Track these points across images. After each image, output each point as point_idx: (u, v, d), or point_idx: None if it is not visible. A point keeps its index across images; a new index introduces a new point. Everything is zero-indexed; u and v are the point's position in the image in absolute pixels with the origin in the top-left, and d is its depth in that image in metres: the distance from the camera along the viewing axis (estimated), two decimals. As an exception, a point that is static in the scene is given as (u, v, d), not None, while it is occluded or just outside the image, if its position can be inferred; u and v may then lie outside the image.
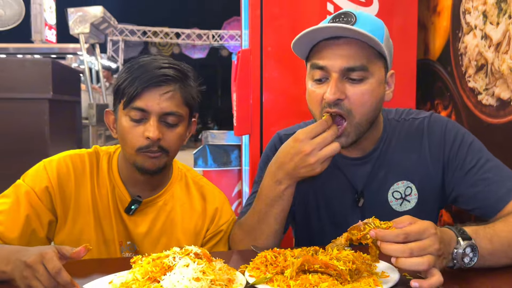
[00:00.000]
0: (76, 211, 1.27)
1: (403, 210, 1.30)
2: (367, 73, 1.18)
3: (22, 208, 1.21)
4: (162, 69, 1.20)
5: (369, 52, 1.17)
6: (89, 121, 6.33)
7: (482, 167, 1.24)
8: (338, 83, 1.17)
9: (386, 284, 0.92)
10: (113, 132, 1.28)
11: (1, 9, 5.50)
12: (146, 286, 0.85)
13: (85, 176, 1.29)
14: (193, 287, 0.84)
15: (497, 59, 1.80)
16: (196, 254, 0.95)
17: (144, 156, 1.20)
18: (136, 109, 1.18)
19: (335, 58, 1.17)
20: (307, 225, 1.40)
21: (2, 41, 8.91)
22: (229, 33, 15.07)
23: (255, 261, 1.00)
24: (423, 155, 1.30)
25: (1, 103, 4.25)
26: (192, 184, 1.37)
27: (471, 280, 1.00)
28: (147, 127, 1.18)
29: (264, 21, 2.22)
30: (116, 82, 1.23)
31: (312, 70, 1.22)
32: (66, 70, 5.50)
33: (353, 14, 1.17)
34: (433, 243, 0.91)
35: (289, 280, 0.90)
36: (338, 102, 1.17)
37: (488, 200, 1.21)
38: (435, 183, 1.30)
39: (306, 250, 1.01)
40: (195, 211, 1.34)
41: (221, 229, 1.33)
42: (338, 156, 1.29)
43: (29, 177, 1.26)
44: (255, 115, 2.23)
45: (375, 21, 1.22)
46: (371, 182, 1.31)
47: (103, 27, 7.55)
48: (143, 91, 1.17)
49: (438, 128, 1.30)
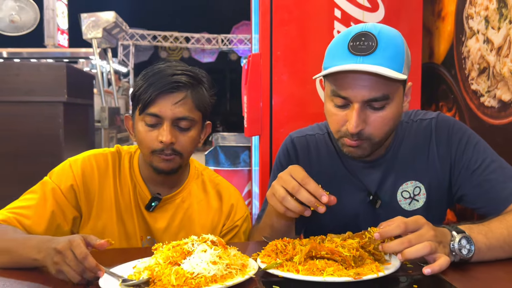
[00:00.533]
0: (99, 208, 1.35)
1: (412, 209, 1.34)
2: (388, 100, 1.18)
3: (48, 204, 1.29)
4: (175, 76, 1.26)
5: (389, 80, 1.16)
6: (101, 124, 6.45)
7: (487, 167, 1.28)
8: (360, 113, 1.17)
9: (388, 270, 1.00)
10: (132, 136, 1.37)
11: (17, 15, 5.64)
12: (167, 269, 0.94)
13: (108, 175, 1.36)
14: (211, 269, 0.93)
15: (498, 62, 1.87)
16: (213, 241, 1.03)
17: (158, 158, 1.28)
18: (150, 115, 1.26)
19: (357, 89, 1.16)
20: (319, 229, 1.36)
21: (16, 45, 9.10)
22: (238, 37, 15.20)
23: (267, 249, 1.09)
24: (431, 156, 1.33)
25: (17, 106, 4.36)
26: (208, 182, 1.45)
27: (474, 271, 1.07)
28: (160, 131, 1.26)
29: (273, 26, 2.31)
30: (134, 89, 1.31)
31: (333, 96, 1.21)
32: (79, 74, 5.62)
33: (374, 37, 1.15)
34: (428, 231, 1.00)
35: (298, 265, 0.99)
36: (359, 131, 1.18)
37: (492, 200, 1.26)
38: (443, 183, 1.34)
39: (314, 238, 1.09)
40: (211, 207, 1.41)
41: (236, 224, 1.40)
42: (350, 161, 1.35)
43: (55, 175, 1.33)
44: (265, 116, 2.32)
45: (395, 42, 1.18)
46: (382, 184, 1.35)
47: (115, 32, 7.69)
48: (157, 97, 1.25)
49: (445, 128, 1.34)
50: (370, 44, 1.14)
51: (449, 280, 0.99)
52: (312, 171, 1.22)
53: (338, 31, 2.32)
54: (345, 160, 1.37)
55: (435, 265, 0.97)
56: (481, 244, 1.07)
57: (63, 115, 4.46)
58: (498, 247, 1.10)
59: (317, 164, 1.40)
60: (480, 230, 1.10)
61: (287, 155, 1.44)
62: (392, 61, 1.15)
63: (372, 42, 1.14)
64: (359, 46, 1.15)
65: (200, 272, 0.92)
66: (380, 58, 1.13)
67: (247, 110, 2.39)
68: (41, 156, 4.28)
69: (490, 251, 1.09)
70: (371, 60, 1.13)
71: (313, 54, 2.34)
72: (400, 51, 1.18)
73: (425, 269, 0.97)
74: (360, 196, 1.36)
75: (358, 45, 1.15)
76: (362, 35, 1.16)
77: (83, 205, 1.33)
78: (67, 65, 4.71)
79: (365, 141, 1.21)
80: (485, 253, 1.08)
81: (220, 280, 0.93)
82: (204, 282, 0.90)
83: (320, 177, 1.21)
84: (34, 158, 4.28)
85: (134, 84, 1.34)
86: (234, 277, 0.95)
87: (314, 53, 2.34)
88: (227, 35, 15.54)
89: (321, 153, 1.41)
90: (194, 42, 15.50)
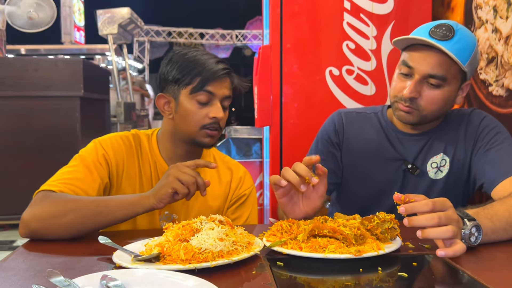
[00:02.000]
0: (126, 182, 1.42)
1: (436, 178, 1.51)
2: (444, 82, 1.39)
3: (95, 175, 1.35)
4: (219, 63, 1.40)
5: (452, 65, 1.37)
6: (117, 118, 6.56)
7: (502, 148, 1.41)
8: (418, 84, 1.39)
9: (388, 248, 1.03)
10: (164, 113, 1.46)
11: (35, 11, 5.75)
12: (177, 245, 0.99)
13: (132, 152, 1.45)
14: (218, 245, 0.98)
15: (506, 51, 1.88)
16: (220, 221, 1.08)
17: (205, 133, 1.40)
18: (206, 92, 1.38)
19: (422, 64, 1.37)
20: (353, 195, 1.60)
21: (33, 42, 9.28)
22: (252, 33, 15.22)
23: (272, 229, 1.13)
24: (459, 136, 1.51)
25: (35, 101, 4.47)
26: (219, 159, 1.57)
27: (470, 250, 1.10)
28: (213, 108, 1.39)
29: (283, 18, 2.34)
30: (177, 71, 1.40)
31: (402, 65, 1.43)
32: (96, 69, 5.73)
33: (453, 29, 1.37)
34: (454, 214, 1.01)
35: (301, 243, 1.03)
36: (412, 99, 1.40)
37: (491, 175, 1.37)
38: (465, 161, 1.50)
39: (317, 218, 1.13)
40: (222, 181, 1.52)
41: (244, 193, 1.53)
42: (393, 131, 1.55)
43: (88, 151, 1.39)
44: (275, 107, 2.36)
45: (469, 39, 1.40)
46: (418, 155, 1.52)
47: (130, 28, 7.79)
48: (213, 80, 1.38)
49: (478, 117, 1.52)
50: (447, 33, 1.36)
51: (447, 258, 1.02)
52: (357, 141, 1.57)
53: (347, 22, 2.35)
54: (388, 133, 1.56)
55: (449, 250, 0.97)
56: (486, 229, 1.10)
57: (80, 109, 4.56)
58: (502, 229, 1.13)
59: (362, 136, 1.59)
60: (486, 214, 1.13)
61: (333, 126, 1.62)
62: (460, 53, 1.35)
63: (450, 32, 1.36)
64: (438, 32, 1.36)
65: (207, 248, 0.97)
66: (452, 46, 1.34)
67: (258, 101, 2.43)
68: (58, 149, 4.39)
69: (494, 234, 1.12)
70: (444, 44, 1.34)
71: (323, 45, 2.36)
72: (470, 49, 1.39)
73: (439, 251, 0.97)
74: (396, 165, 1.53)
75: (437, 31, 1.36)
76: (444, 25, 1.38)
77: (113, 177, 1.41)
78: (84, 61, 4.80)
79: (415, 111, 1.41)
80: (489, 236, 1.11)
81: (227, 255, 0.98)
82: (211, 257, 0.95)
83: (363, 147, 1.56)
84: (52, 151, 4.39)
85: (171, 69, 1.41)
86: (240, 253, 1.00)
87: (324, 45, 2.37)
88: (241, 30, 15.57)
89: (366, 127, 1.60)
90: (209, 38, 15.57)
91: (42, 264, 1.02)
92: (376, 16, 2.35)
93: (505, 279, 0.91)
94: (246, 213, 1.51)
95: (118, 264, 0.96)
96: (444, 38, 1.35)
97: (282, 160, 2.37)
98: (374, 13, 2.35)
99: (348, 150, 1.59)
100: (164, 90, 1.45)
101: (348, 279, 0.96)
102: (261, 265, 1.00)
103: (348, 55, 2.35)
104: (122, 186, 1.42)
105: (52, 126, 4.53)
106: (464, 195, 1.53)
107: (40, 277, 0.93)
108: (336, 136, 1.61)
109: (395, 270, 0.99)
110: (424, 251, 1.09)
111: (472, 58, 1.40)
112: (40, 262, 1.04)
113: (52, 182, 1.30)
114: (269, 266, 0.99)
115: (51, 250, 1.13)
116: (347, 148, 1.59)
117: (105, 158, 1.39)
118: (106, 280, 0.84)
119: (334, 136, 1.61)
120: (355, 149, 1.58)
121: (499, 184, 1.33)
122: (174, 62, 1.42)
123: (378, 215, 1.10)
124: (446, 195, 1.26)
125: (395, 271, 0.99)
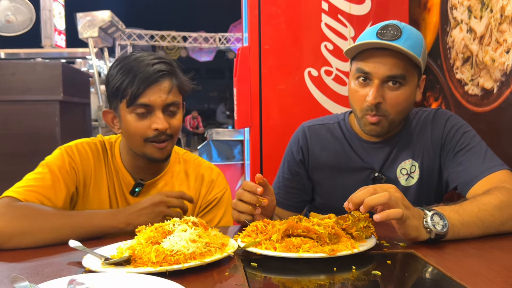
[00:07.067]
0: (94, 190, 1.39)
1: (408, 185, 1.50)
2: (404, 81, 1.38)
3: (62, 183, 1.31)
4: (155, 65, 1.30)
5: (407, 63, 1.37)
6: (98, 123, 6.47)
7: (470, 150, 1.41)
8: (379, 88, 1.37)
9: (362, 247, 1.03)
10: (114, 128, 1.39)
11: (13, 15, 5.67)
12: (148, 248, 0.97)
13: (100, 160, 1.42)
14: (190, 247, 0.96)
15: (481, 51, 1.91)
16: (194, 222, 1.07)
17: (152, 146, 1.33)
18: (141, 105, 1.29)
19: (379, 66, 1.37)
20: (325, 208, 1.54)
21: (13, 46, 9.12)
22: (236, 36, 15.21)
23: (247, 230, 1.12)
24: (426, 139, 1.49)
25: (13, 105, 4.39)
26: (190, 163, 1.51)
27: (446, 247, 1.10)
28: (154, 120, 1.30)
29: (262, 20, 2.34)
30: (113, 84, 1.32)
31: (357, 73, 1.41)
32: (76, 73, 5.64)
33: (399, 28, 1.37)
34: (395, 190, 1.08)
35: (275, 243, 1.02)
36: (377, 105, 1.38)
37: (467, 176, 1.36)
38: (434, 163, 1.49)
39: (292, 218, 1.13)
40: (192, 187, 1.47)
41: (216, 197, 1.48)
42: (357, 140, 1.53)
43: (54, 158, 1.35)
44: (255, 109, 2.35)
45: (416, 36, 1.40)
46: (385, 163, 1.51)
47: (111, 31, 7.72)
48: (145, 89, 1.28)
49: (442, 117, 1.50)
50: (395, 32, 1.36)
51: (421, 256, 1.02)
52: (322, 154, 1.55)
53: (325, 23, 2.36)
54: (353, 143, 1.54)
55: (383, 212, 1.03)
56: (454, 221, 1.12)
57: (60, 113, 4.49)
58: (472, 223, 1.15)
59: (327, 148, 1.57)
60: (452, 209, 1.16)
61: (297, 143, 1.60)
62: (413, 49, 1.35)
63: (397, 31, 1.36)
64: (386, 33, 1.36)
65: (179, 250, 0.95)
66: (403, 44, 1.34)
67: (237, 102, 2.42)
68: (37, 154, 4.29)
69: (464, 227, 1.14)
70: (397, 43, 1.34)
71: (301, 47, 2.37)
72: (419, 44, 1.39)
73: (374, 215, 1.04)
74: (364, 174, 1.52)
75: (384, 32, 1.36)
76: (389, 25, 1.38)
77: (80, 186, 1.37)
78: (63, 64, 4.73)
79: (383, 118, 1.40)
80: (459, 229, 1.13)
81: (199, 257, 0.96)
82: (183, 259, 0.94)
83: (328, 160, 1.54)
84: (30, 156, 4.30)
85: (110, 79, 1.33)
86: (213, 255, 0.98)
87: (302, 46, 2.37)
88: (224, 33, 15.54)
89: (330, 139, 1.58)
90: (192, 41, 15.50)
91: (9, 270, 0.99)
92: (353, 17, 2.37)
93: (477, 275, 0.91)
94: (218, 216, 1.46)
95: (88, 268, 0.94)
96: (394, 37, 1.35)
97: (263, 161, 2.37)
98: (351, 14, 2.36)
99: (314, 165, 1.58)
100: (109, 104, 1.38)
101: (322, 278, 0.95)
102: (234, 266, 0.99)
103: (326, 56, 2.36)
104: (89, 196, 1.38)
105: (31, 130, 4.45)
106: (437, 199, 1.54)
107: (6, 283, 0.90)
108: (300, 153, 1.59)
109: (369, 269, 0.99)
110: (399, 249, 1.09)
111: (423, 53, 1.41)
112: (8, 267, 1.02)
113: (18, 189, 1.26)
114: (243, 267, 0.98)
115: (20, 254, 1.10)
116: (313, 163, 1.58)
117: (72, 167, 1.35)
118: (73, 285, 0.82)
119: (298, 154, 1.60)
120: (321, 163, 1.57)
121: (473, 187, 1.33)
122: (110, 74, 1.34)
123: (353, 213, 1.10)
124: (419, 201, 1.37)
125: (369, 270, 0.99)
